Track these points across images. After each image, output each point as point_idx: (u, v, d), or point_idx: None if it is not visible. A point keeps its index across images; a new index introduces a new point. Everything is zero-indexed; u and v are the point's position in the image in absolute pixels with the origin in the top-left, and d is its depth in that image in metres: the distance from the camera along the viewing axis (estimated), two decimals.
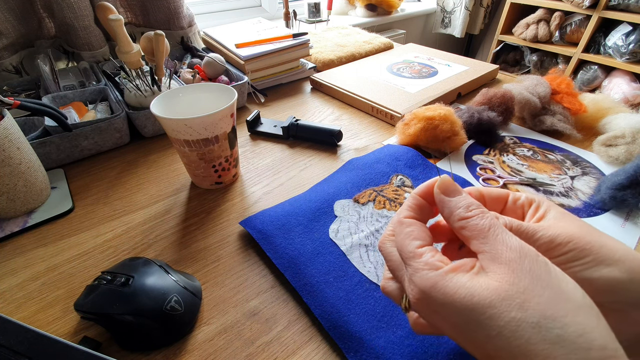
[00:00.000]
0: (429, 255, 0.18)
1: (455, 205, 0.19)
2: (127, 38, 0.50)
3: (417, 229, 0.20)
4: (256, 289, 0.33)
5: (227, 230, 0.39)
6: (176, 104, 0.43)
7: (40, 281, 0.34)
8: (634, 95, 1.51)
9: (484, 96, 0.56)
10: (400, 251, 0.20)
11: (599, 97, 0.57)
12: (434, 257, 0.18)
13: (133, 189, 0.46)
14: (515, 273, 0.16)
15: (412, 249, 0.19)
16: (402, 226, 0.21)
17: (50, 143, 0.47)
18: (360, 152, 0.52)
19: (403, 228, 0.20)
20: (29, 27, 0.65)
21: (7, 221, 0.40)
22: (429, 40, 2.09)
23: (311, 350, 0.28)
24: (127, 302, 0.27)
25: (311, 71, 0.75)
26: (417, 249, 0.19)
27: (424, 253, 0.19)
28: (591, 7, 1.52)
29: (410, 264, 0.19)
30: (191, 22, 0.80)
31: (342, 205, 0.40)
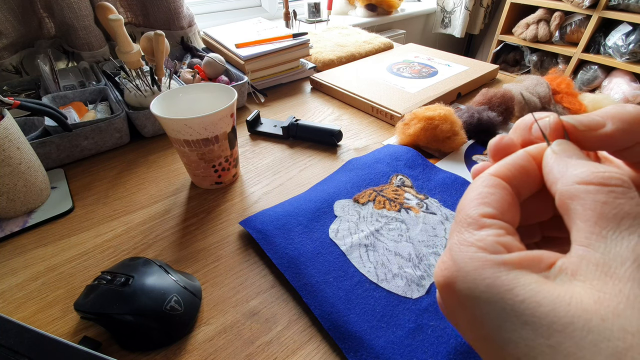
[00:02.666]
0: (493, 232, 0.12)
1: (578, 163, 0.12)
2: (127, 38, 0.50)
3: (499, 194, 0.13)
4: (256, 289, 0.33)
5: (227, 230, 0.40)
6: (176, 104, 0.43)
7: (40, 281, 0.34)
8: (634, 95, 1.51)
9: (484, 96, 0.56)
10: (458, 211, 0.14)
11: (599, 97, 0.57)
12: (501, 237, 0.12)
13: (133, 189, 0.46)
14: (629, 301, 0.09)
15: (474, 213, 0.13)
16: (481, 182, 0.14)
17: (50, 143, 0.47)
18: (360, 152, 0.52)
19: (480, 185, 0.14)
20: (29, 27, 0.65)
21: (7, 221, 0.40)
22: (429, 40, 2.09)
23: (311, 350, 0.29)
24: (127, 302, 0.27)
25: (311, 71, 0.75)
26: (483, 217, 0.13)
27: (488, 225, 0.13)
28: (591, 7, 1.52)
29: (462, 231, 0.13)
30: (191, 22, 0.80)
31: (342, 205, 0.40)
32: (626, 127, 0.13)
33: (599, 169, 0.12)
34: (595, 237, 0.11)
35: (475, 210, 0.13)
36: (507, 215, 0.13)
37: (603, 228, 0.11)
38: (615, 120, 0.13)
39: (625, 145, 0.13)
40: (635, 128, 0.13)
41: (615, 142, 0.13)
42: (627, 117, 0.13)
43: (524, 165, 0.14)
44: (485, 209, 0.13)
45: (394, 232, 0.37)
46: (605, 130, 0.13)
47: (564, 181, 0.12)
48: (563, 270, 0.11)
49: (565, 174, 0.12)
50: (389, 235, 0.36)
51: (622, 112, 0.13)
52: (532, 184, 0.14)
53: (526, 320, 0.10)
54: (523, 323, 0.10)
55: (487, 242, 0.12)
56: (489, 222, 0.13)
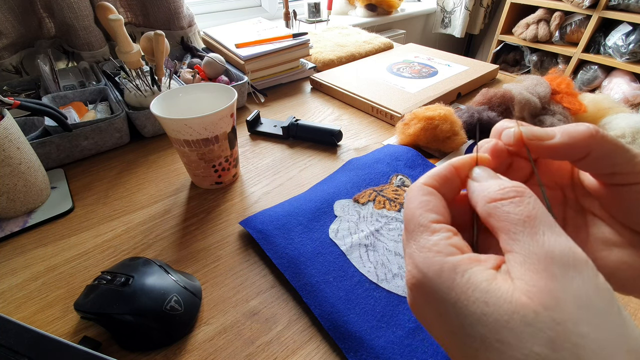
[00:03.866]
0: (444, 236, 0.14)
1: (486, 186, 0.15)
2: (127, 38, 0.50)
3: (435, 201, 0.16)
4: (256, 289, 0.33)
5: (227, 230, 0.40)
6: (176, 104, 0.43)
7: (40, 281, 0.34)
8: (634, 95, 1.51)
9: (484, 96, 0.56)
10: (408, 221, 0.16)
11: (599, 97, 0.57)
12: (450, 239, 0.14)
13: (133, 189, 0.46)
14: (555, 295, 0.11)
15: (424, 221, 0.15)
16: (418, 192, 0.16)
17: (50, 143, 0.47)
18: (360, 152, 0.52)
19: (418, 195, 0.16)
20: (29, 27, 0.65)
21: (7, 221, 0.40)
22: (429, 40, 2.09)
23: (311, 350, 0.29)
24: (127, 302, 0.27)
25: (311, 71, 0.75)
26: (431, 223, 0.15)
27: (438, 230, 0.15)
28: (591, 7, 1.52)
29: (417, 238, 0.15)
30: (191, 22, 0.80)
31: (342, 205, 0.40)
32: (570, 141, 0.16)
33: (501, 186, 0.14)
34: (512, 242, 0.13)
35: (424, 218, 0.15)
36: (447, 217, 0.16)
37: (515, 233, 0.13)
38: (563, 134, 0.16)
39: (573, 157, 0.16)
40: (578, 142, 0.15)
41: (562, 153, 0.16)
42: (574, 133, 0.16)
43: (447, 175, 0.17)
44: (431, 215, 0.15)
45: (394, 232, 0.37)
46: (552, 142, 0.16)
47: (480, 203, 0.15)
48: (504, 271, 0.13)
49: (480, 197, 0.15)
50: (389, 235, 0.36)
51: (572, 128, 0.16)
52: (453, 190, 0.17)
53: (478, 318, 0.12)
54: (477, 321, 0.12)
55: (441, 246, 0.14)
56: (438, 226, 0.15)
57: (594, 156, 0.16)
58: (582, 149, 0.16)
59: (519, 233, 0.13)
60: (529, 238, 0.13)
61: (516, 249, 0.13)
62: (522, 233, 0.13)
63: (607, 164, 0.16)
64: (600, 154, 0.16)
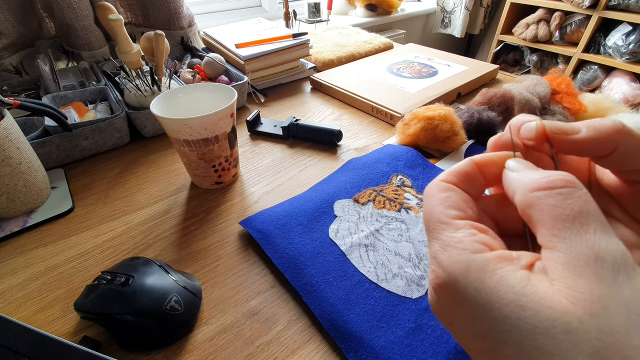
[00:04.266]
0: (468, 232, 0.13)
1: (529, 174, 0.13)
2: (127, 38, 0.50)
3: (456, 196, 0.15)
4: (256, 288, 0.33)
5: (227, 230, 0.40)
6: (176, 104, 0.43)
7: (40, 281, 0.34)
8: (634, 95, 1.51)
9: (484, 96, 0.56)
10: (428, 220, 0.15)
11: (599, 97, 0.57)
12: (476, 235, 0.13)
13: (133, 189, 0.46)
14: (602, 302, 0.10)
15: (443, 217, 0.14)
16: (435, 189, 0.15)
17: (50, 143, 0.47)
18: (360, 152, 0.52)
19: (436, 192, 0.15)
20: (29, 27, 0.65)
21: (7, 221, 0.40)
22: (429, 40, 2.09)
23: (311, 350, 0.29)
24: (127, 302, 0.27)
25: (311, 71, 0.75)
26: (453, 219, 0.14)
27: (461, 227, 0.13)
28: (591, 7, 1.52)
29: (439, 237, 0.14)
30: (191, 22, 0.80)
31: (342, 205, 0.40)
32: (597, 135, 0.14)
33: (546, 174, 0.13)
34: (555, 238, 0.12)
35: (444, 215, 0.14)
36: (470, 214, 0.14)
37: (560, 229, 0.11)
38: (590, 128, 0.14)
39: (598, 153, 0.15)
40: (605, 137, 0.14)
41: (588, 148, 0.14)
42: (600, 127, 0.14)
43: (467, 171, 0.16)
44: (452, 211, 0.14)
45: (394, 232, 0.37)
46: (579, 136, 0.15)
47: (519, 192, 0.13)
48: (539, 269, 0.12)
49: (520, 186, 0.13)
50: (389, 235, 0.36)
51: (598, 122, 0.14)
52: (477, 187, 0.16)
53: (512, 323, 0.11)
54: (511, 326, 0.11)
55: (466, 243, 0.13)
56: (461, 223, 0.14)
57: (621, 152, 0.14)
58: (609, 144, 0.14)
59: (566, 230, 0.11)
60: (577, 236, 0.11)
61: (559, 247, 0.11)
62: (570, 230, 0.11)
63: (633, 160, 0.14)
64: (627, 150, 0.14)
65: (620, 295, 0.10)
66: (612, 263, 0.10)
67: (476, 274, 0.12)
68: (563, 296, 0.10)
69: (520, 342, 0.11)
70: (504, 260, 0.12)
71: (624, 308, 0.10)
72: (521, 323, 0.11)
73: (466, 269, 0.12)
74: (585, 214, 0.11)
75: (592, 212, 0.11)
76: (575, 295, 0.10)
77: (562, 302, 0.10)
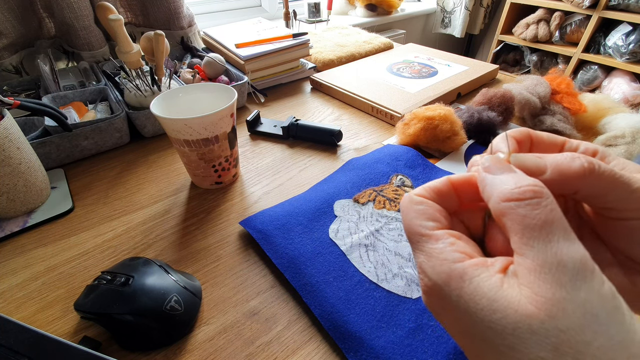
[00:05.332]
0: (448, 242, 0.14)
1: (501, 181, 0.14)
2: (127, 38, 0.50)
3: (430, 209, 0.16)
4: (256, 289, 0.33)
5: (227, 230, 0.40)
6: (176, 104, 0.43)
7: (40, 281, 0.34)
8: (634, 95, 1.51)
9: (484, 96, 0.56)
10: (409, 234, 0.16)
11: (599, 97, 0.57)
12: (454, 244, 0.14)
13: (133, 189, 0.46)
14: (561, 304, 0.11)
15: (423, 230, 0.15)
16: (409, 203, 0.16)
17: (50, 143, 0.47)
18: (360, 152, 0.52)
19: (411, 205, 0.16)
20: (29, 27, 0.65)
21: (7, 221, 0.40)
22: (429, 40, 2.09)
23: (311, 350, 0.29)
24: (127, 302, 0.27)
25: (311, 71, 0.75)
26: (431, 230, 0.15)
27: (440, 237, 0.15)
28: (591, 7, 1.52)
29: (422, 248, 0.15)
30: (191, 22, 0.80)
31: (342, 205, 0.40)
32: (561, 179, 0.15)
33: (518, 183, 0.14)
34: (524, 246, 0.13)
35: (423, 227, 0.15)
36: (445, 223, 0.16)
37: (529, 238, 0.13)
38: (554, 171, 0.15)
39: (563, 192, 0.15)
40: (569, 181, 0.15)
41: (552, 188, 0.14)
42: (566, 171, 0.15)
43: (441, 189, 0.17)
44: (429, 223, 0.15)
45: (394, 232, 0.37)
46: (543, 177, 0.15)
47: (493, 200, 0.14)
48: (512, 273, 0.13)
49: (493, 193, 0.14)
50: (389, 235, 0.36)
51: (565, 165, 0.15)
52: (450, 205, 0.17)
53: (486, 325, 0.12)
54: (485, 327, 0.12)
55: (446, 253, 0.14)
56: (440, 233, 0.15)
57: (585, 194, 0.15)
58: (571, 187, 0.15)
59: (534, 238, 0.13)
60: (542, 245, 0.12)
61: (528, 254, 0.13)
62: (537, 239, 0.12)
63: (600, 201, 0.15)
64: (593, 192, 0.15)
65: (577, 297, 0.11)
66: (572, 268, 0.12)
67: (456, 282, 0.13)
68: (528, 300, 0.12)
69: (494, 341, 0.12)
70: (481, 267, 0.13)
71: (580, 309, 0.11)
72: (493, 325, 0.12)
73: (448, 278, 0.14)
74: (550, 223, 0.13)
75: (557, 221, 0.13)
76: (538, 300, 0.12)
77: (527, 306, 0.12)
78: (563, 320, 0.11)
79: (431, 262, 0.14)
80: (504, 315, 0.12)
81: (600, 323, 0.11)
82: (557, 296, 0.12)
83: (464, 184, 0.17)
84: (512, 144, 0.17)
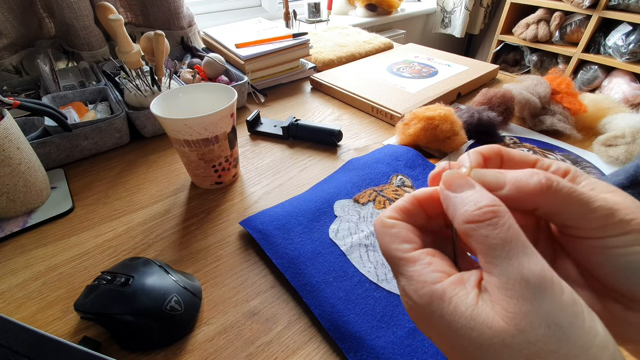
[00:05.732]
0: (425, 262, 0.15)
1: (462, 202, 0.15)
2: (127, 38, 0.50)
3: (403, 231, 0.16)
4: (256, 289, 0.33)
5: (227, 230, 0.39)
6: (176, 104, 0.43)
7: (40, 281, 0.34)
8: (634, 95, 1.51)
9: (484, 96, 0.56)
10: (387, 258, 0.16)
11: (599, 97, 0.57)
12: (431, 265, 0.15)
13: (133, 189, 0.46)
14: (527, 318, 0.12)
15: (400, 254, 0.16)
16: (382, 228, 0.17)
17: (50, 143, 0.47)
18: (360, 152, 0.52)
19: (384, 230, 0.17)
20: (29, 27, 0.65)
21: (7, 221, 0.40)
22: (429, 40, 2.09)
23: (311, 350, 0.29)
24: (127, 302, 0.27)
25: (311, 71, 0.75)
26: (408, 252, 0.16)
27: (417, 258, 0.15)
28: (591, 7, 1.52)
29: (401, 271, 0.16)
30: (191, 22, 0.80)
31: (342, 205, 0.40)
32: (519, 195, 0.15)
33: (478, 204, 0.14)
34: (490, 265, 0.14)
35: (400, 252, 0.16)
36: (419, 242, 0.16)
37: (492, 257, 0.13)
38: (512, 187, 0.15)
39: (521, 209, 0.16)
40: (527, 198, 0.15)
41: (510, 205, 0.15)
42: (524, 187, 0.15)
43: (408, 207, 0.17)
44: (404, 245, 0.16)
45: None
46: (501, 192, 0.15)
47: (456, 221, 0.15)
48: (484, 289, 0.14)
49: (456, 214, 0.15)
50: None
51: (523, 180, 0.15)
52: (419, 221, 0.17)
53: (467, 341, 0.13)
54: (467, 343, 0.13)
55: (425, 275, 0.15)
56: (416, 254, 0.15)
57: (544, 211, 0.15)
58: (530, 204, 0.15)
59: (496, 257, 0.13)
60: (505, 262, 0.13)
61: (494, 272, 0.13)
62: (499, 257, 0.13)
63: (559, 218, 0.15)
64: (551, 210, 0.15)
65: (540, 309, 0.12)
66: (534, 282, 0.12)
67: (437, 304, 0.14)
68: (500, 316, 0.13)
69: (473, 354, 0.13)
70: (458, 285, 0.14)
71: (544, 320, 0.12)
72: (472, 341, 0.13)
73: (430, 300, 0.14)
74: (510, 241, 0.13)
75: (515, 238, 0.13)
76: (508, 315, 0.13)
77: (499, 322, 0.13)
78: (531, 332, 0.12)
79: (413, 286, 0.15)
80: (481, 332, 0.13)
81: (563, 331, 0.12)
82: (524, 310, 0.12)
83: (428, 200, 0.17)
84: (476, 159, 0.17)
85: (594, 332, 0.12)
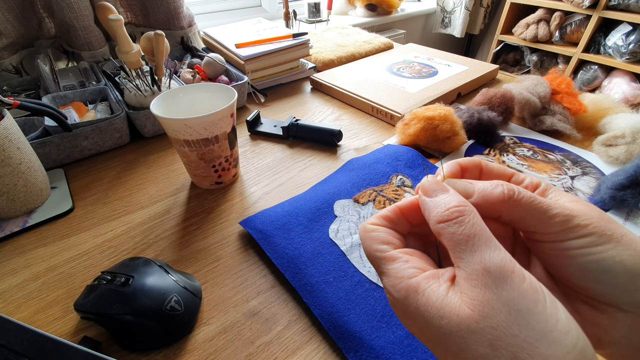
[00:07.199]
0: (402, 260, 0.16)
1: (435, 205, 0.17)
2: (127, 38, 0.50)
3: (383, 234, 0.18)
4: (256, 289, 0.33)
5: (227, 230, 0.39)
6: (176, 104, 0.43)
7: (40, 281, 0.34)
8: (634, 95, 1.51)
9: (484, 96, 0.56)
10: (370, 258, 0.18)
11: (599, 97, 0.57)
12: (408, 262, 0.16)
13: (133, 189, 0.46)
14: (490, 304, 0.13)
15: (380, 254, 0.17)
16: (364, 233, 0.18)
17: (50, 143, 0.47)
18: (360, 152, 0.52)
19: (367, 234, 0.18)
20: (29, 27, 0.65)
21: (7, 221, 0.40)
22: (429, 40, 2.09)
23: (311, 350, 0.29)
24: (127, 302, 0.27)
25: (311, 71, 0.75)
26: (387, 252, 0.17)
27: (396, 258, 0.17)
28: (591, 7, 1.52)
29: (382, 270, 0.17)
30: (191, 22, 0.80)
31: (342, 205, 0.40)
32: (484, 203, 0.17)
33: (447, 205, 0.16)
34: (458, 259, 0.15)
35: (379, 252, 0.17)
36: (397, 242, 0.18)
37: (459, 252, 0.15)
38: (479, 196, 0.17)
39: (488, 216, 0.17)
40: (491, 206, 0.17)
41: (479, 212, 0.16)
42: (489, 196, 0.17)
43: (391, 216, 0.19)
44: (383, 246, 0.17)
45: None
46: (470, 201, 0.17)
47: (431, 223, 0.17)
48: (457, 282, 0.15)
49: (430, 216, 0.17)
50: None
51: (488, 190, 0.17)
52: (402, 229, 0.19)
53: (438, 330, 0.14)
54: (439, 332, 0.14)
55: (402, 271, 0.16)
56: (394, 253, 0.17)
57: (507, 218, 0.17)
58: (494, 211, 0.17)
59: (463, 251, 0.15)
60: (470, 256, 0.14)
61: (462, 265, 0.15)
62: (465, 251, 0.15)
63: (522, 225, 0.17)
64: (514, 217, 0.17)
65: (501, 297, 0.13)
66: (495, 272, 0.14)
67: (413, 296, 0.15)
68: (466, 305, 0.14)
69: (446, 342, 0.14)
70: (431, 279, 0.15)
71: (505, 307, 0.13)
72: (443, 330, 0.14)
73: (406, 293, 0.15)
74: (473, 236, 0.15)
75: (478, 233, 0.15)
76: (473, 303, 0.14)
77: (465, 310, 0.14)
78: (493, 318, 0.13)
79: (391, 282, 0.16)
80: (449, 320, 0.14)
81: (522, 317, 0.13)
82: (487, 298, 0.13)
83: (410, 209, 0.19)
84: (451, 168, 0.19)
85: (555, 318, 0.13)
